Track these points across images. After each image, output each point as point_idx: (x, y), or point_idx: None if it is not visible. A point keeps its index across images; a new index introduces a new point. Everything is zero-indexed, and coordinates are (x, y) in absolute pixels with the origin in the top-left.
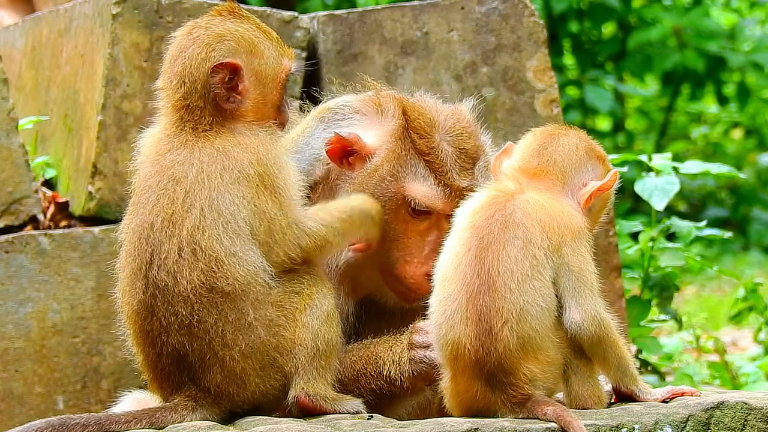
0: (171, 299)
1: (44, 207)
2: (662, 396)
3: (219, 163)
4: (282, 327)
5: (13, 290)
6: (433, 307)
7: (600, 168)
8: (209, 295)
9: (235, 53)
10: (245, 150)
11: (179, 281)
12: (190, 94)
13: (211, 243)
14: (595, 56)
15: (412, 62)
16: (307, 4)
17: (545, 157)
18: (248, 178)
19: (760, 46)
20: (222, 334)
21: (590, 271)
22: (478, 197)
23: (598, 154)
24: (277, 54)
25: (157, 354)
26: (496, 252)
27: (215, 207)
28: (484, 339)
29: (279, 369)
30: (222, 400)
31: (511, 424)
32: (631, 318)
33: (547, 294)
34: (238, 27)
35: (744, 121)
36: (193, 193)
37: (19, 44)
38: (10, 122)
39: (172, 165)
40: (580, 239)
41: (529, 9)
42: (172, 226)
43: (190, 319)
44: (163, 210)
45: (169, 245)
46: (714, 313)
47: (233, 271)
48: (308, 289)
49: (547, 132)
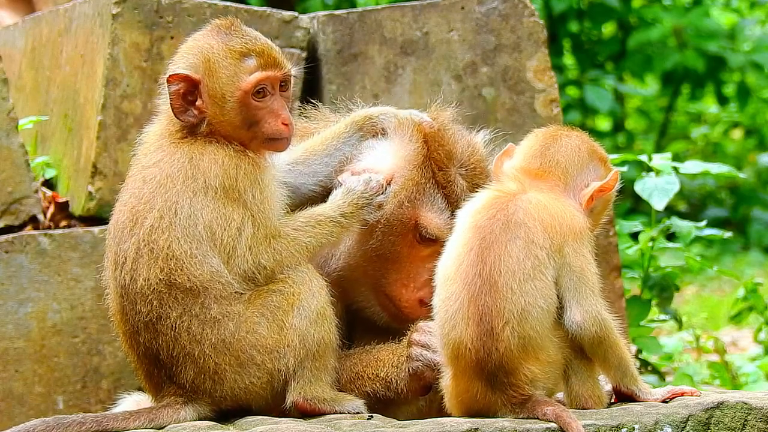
0: (133, 298)
1: (44, 207)
2: (662, 396)
3: (185, 170)
4: (259, 324)
5: (13, 290)
6: (436, 307)
7: (601, 169)
8: (169, 291)
9: (197, 69)
10: (213, 162)
11: (136, 279)
12: (166, 103)
13: (169, 243)
14: (595, 56)
15: (412, 62)
16: (307, 4)
17: (547, 158)
18: (213, 189)
19: (760, 46)
20: (188, 328)
21: (592, 272)
22: (480, 197)
23: (599, 155)
24: (233, 72)
25: (136, 354)
26: (498, 252)
27: (174, 210)
28: (485, 339)
29: (260, 366)
30: (200, 396)
31: (511, 424)
32: (631, 318)
33: (548, 294)
34: (208, 43)
35: (744, 121)
36: (156, 195)
37: (19, 44)
38: (10, 122)
39: (146, 167)
40: (582, 239)
41: (529, 9)
42: (133, 225)
43: (151, 316)
44: (128, 210)
45: (128, 244)
46: (714, 313)
47: (192, 270)
48: (293, 288)
49: (549, 133)
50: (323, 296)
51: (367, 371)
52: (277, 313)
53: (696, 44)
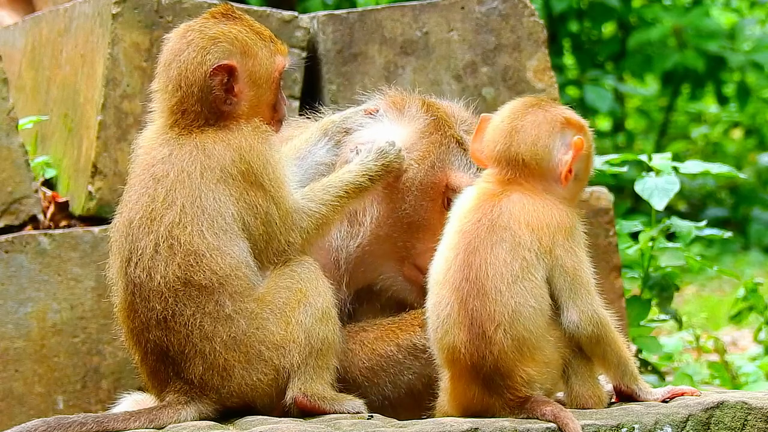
0: (147, 295)
1: (44, 207)
2: (662, 396)
3: (200, 162)
4: (268, 320)
5: (13, 290)
6: (428, 312)
7: (569, 132)
8: (184, 289)
9: (230, 55)
10: (228, 148)
11: (153, 277)
12: (187, 97)
13: (192, 238)
14: (595, 56)
15: (412, 62)
16: (307, 4)
17: (513, 156)
18: (232, 177)
19: (760, 46)
20: (200, 326)
21: (585, 270)
22: (467, 198)
23: (561, 122)
24: (270, 53)
25: (143, 351)
26: (484, 255)
27: (198, 204)
28: (478, 343)
29: (267, 362)
30: (208, 392)
31: (511, 424)
32: (631, 318)
33: (539, 294)
34: (231, 29)
35: (744, 121)
36: (174, 192)
37: (19, 44)
38: (10, 122)
39: (154, 163)
40: (573, 237)
41: (529, 9)
42: (150, 223)
43: (165, 313)
44: (142, 208)
45: (145, 242)
46: (714, 313)
47: (212, 265)
48: (301, 285)
49: (508, 126)
50: (329, 296)
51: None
52: (285, 309)
53: (696, 44)
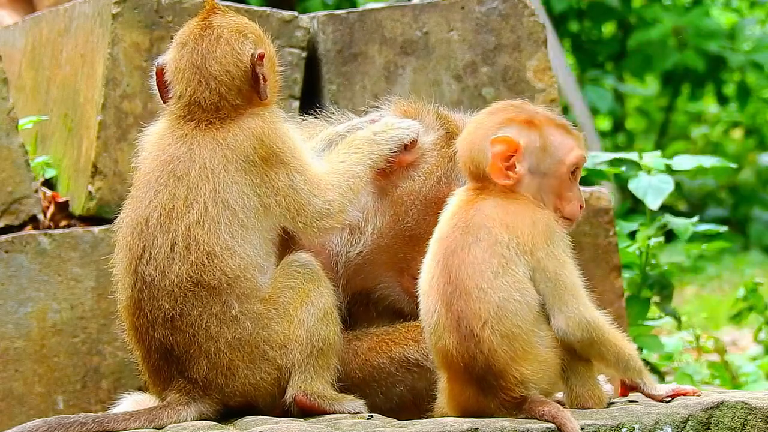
0: (156, 293)
1: (44, 207)
2: (666, 393)
3: (223, 155)
4: (272, 320)
5: (13, 290)
6: (422, 321)
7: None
8: (194, 289)
9: (258, 43)
10: (250, 136)
11: (167, 275)
12: (228, 91)
13: (208, 237)
14: (595, 56)
15: (412, 62)
16: (307, 4)
17: (466, 167)
18: (254, 165)
19: (760, 46)
20: (206, 326)
21: (568, 273)
22: (447, 207)
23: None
24: (270, 37)
25: (146, 349)
26: (462, 256)
27: (221, 200)
28: (467, 344)
29: (270, 362)
30: (211, 392)
31: (511, 423)
32: (631, 317)
33: (522, 288)
34: (241, 20)
35: (744, 121)
36: (196, 189)
37: (19, 44)
38: (10, 122)
39: (172, 160)
40: (552, 240)
41: (529, 9)
42: (169, 222)
43: (173, 312)
44: (160, 205)
45: (162, 240)
46: (714, 313)
47: (223, 266)
48: (304, 285)
49: (460, 138)
50: (331, 297)
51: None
52: (288, 309)
53: (696, 44)
